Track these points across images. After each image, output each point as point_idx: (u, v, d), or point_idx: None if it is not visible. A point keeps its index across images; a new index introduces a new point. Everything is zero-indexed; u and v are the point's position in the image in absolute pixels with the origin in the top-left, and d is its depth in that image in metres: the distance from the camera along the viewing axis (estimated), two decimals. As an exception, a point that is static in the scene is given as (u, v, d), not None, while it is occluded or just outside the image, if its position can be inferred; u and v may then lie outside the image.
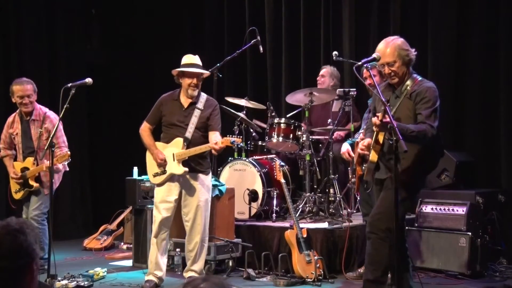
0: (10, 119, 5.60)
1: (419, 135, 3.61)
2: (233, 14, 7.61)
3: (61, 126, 5.23)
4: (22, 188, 5.45)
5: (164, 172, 4.81)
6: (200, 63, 4.91)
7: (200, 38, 7.90)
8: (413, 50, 3.84)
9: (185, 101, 4.87)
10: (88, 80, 4.83)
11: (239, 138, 4.68)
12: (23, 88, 5.38)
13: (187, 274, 4.91)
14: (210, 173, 4.97)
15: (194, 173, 4.81)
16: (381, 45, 3.86)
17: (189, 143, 4.77)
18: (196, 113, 4.81)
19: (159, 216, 4.81)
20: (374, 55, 3.83)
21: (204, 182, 4.86)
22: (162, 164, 4.79)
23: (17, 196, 5.47)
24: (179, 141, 4.79)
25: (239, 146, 4.68)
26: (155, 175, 4.86)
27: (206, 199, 4.85)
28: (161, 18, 8.12)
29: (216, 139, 4.72)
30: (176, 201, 4.83)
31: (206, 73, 4.95)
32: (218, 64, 5.88)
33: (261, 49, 6.15)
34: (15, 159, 5.57)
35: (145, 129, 4.95)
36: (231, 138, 4.62)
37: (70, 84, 4.73)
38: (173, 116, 4.85)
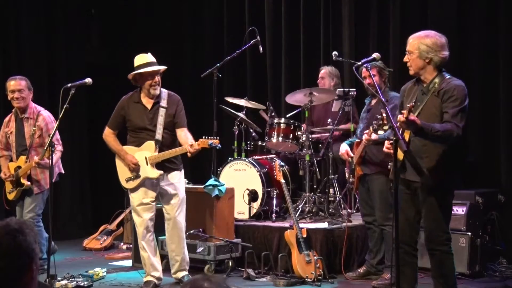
0: (6, 118, 5.61)
1: (444, 134, 3.53)
2: (233, 14, 7.61)
3: (54, 124, 5.20)
4: (14, 187, 5.42)
5: (137, 176, 4.73)
6: (154, 59, 4.77)
7: (200, 38, 7.88)
8: (445, 52, 3.74)
9: (147, 102, 4.75)
10: (88, 80, 4.83)
11: (217, 139, 4.55)
12: (15, 83, 5.38)
13: (178, 275, 4.87)
14: (183, 169, 4.90)
15: (168, 172, 4.76)
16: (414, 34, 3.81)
17: (160, 145, 4.70)
18: (161, 112, 4.71)
19: (140, 219, 4.76)
20: (373, 55, 3.83)
21: (180, 180, 4.83)
22: (135, 168, 4.71)
23: (11, 196, 5.45)
24: (150, 144, 4.70)
25: (217, 148, 4.60)
26: (128, 179, 4.78)
27: (183, 196, 4.84)
28: (161, 18, 8.11)
29: (190, 140, 4.60)
30: (153, 202, 4.78)
31: (163, 68, 4.81)
32: (218, 64, 5.88)
33: (260, 49, 6.15)
34: (11, 160, 5.55)
35: (109, 134, 4.86)
36: (208, 140, 4.48)
37: (70, 84, 4.73)
38: (139, 119, 4.74)
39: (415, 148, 3.66)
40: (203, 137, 4.58)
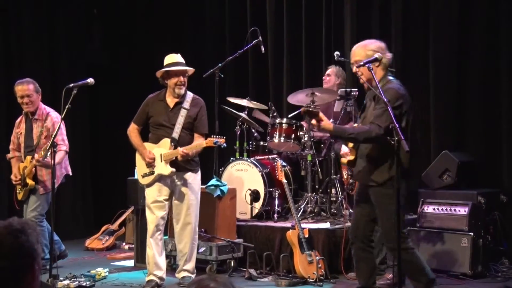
0: (18, 120, 5.64)
1: (359, 136, 3.72)
2: (235, 14, 7.59)
3: (62, 125, 5.22)
4: (22, 188, 5.44)
5: (152, 172, 4.82)
6: (183, 60, 4.89)
7: (202, 39, 7.88)
8: (389, 54, 3.88)
9: (171, 101, 4.86)
10: (90, 80, 4.85)
11: (222, 138, 4.65)
12: (23, 88, 5.40)
13: (180, 275, 4.91)
14: (199, 172, 4.95)
15: (182, 172, 4.81)
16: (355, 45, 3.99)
17: (176, 144, 4.77)
18: (183, 112, 4.81)
19: (153, 216, 4.83)
20: (376, 55, 3.84)
21: (194, 181, 4.86)
22: (151, 164, 4.79)
23: (20, 196, 5.48)
24: (166, 141, 4.80)
25: (222, 146, 4.66)
26: (144, 175, 4.87)
27: (196, 198, 4.87)
28: (162, 18, 8.10)
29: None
30: (167, 201, 4.85)
31: (191, 70, 4.93)
32: (219, 64, 5.88)
33: (262, 49, 6.14)
34: (22, 161, 5.55)
35: (132, 130, 4.96)
36: (214, 139, 4.59)
37: (72, 84, 4.75)
38: (160, 116, 4.85)
39: (360, 150, 3.87)
40: (211, 136, 4.70)
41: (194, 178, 4.87)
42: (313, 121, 3.75)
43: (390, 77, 3.90)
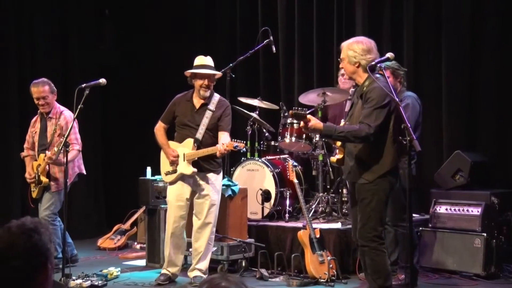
0: (33, 119, 5.68)
1: (349, 135, 3.75)
2: (246, 14, 7.59)
3: (75, 124, 5.24)
4: (36, 186, 5.47)
5: (175, 171, 4.90)
6: (212, 64, 4.96)
7: (213, 38, 7.87)
8: (372, 55, 3.83)
9: (197, 102, 4.93)
10: (102, 80, 4.87)
11: (243, 143, 4.71)
12: (38, 90, 5.44)
13: (192, 273, 4.94)
14: (221, 173, 5.00)
15: (204, 173, 4.87)
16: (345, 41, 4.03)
17: (199, 144, 4.83)
18: (208, 114, 4.87)
19: (172, 214, 4.91)
20: (387, 55, 3.83)
21: (215, 182, 4.90)
22: (175, 162, 4.87)
23: (34, 194, 5.50)
24: (189, 141, 4.86)
25: (242, 151, 4.69)
26: (167, 173, 4.96)
27: (217, 199, 4.91)
28: (174, 18, 8.10)
29: (224, 140, 4.75)
30: (188, 200, 4.91)
31: (218, 74, 4.99)
32: (231, 64, 5.88)
33: (274, 49, 6.14)
34: (36, 159, 5.59)
35: (159, 128, 5.04)
36: (234, 143, 4.63)
37: (84, 84, 4.77)
38: (185, 116, 4.93)
39: (348, 149, 3.91)
40: (234, 140, 4.75)
41: (216, 179, 4.92)
42: (301, 123, 3.83)
43: (378, 75, 3.86)
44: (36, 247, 1.70)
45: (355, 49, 3.86)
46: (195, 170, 4.79)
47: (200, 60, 4.95)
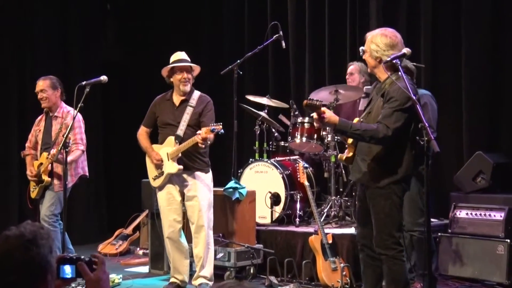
0: (38, 118, 5.69)
1: (365, 134, 3.60)
2: (254, 9, 7.55)
3: (82, 124, 5.31)
4: (37, 185, 5.44)
5: (162, 173, 4.88)
6: (188, 58, 4.95)
7: (219, 34, 7.85)
8: (396, 52, 3.64)
9: (177, 100, 4.92)
10: (103, 78, 4.90)
11: (219, 125, 4.58)
12: (38, 84, 5.47)
13: (197, 282, 4.88)
14: (210, 173, 4.94)
15: (191, 171, 4.82)
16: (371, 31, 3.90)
17: (181, 141, 4.79)
18: (188, 110, 4.84)
19: (166, 219, 4.88)
20: (404, 50, 3.67)
21: (204, 181, 4.85)
22: (160, 165, 4.86)
23: (34, 194, 5.46)
24: (171, 139, 4.83)
25: (219, 133, 4.58)
26: (155, 177, 4.93)
27: (208, 199, 4.86)
28: (179, 13, 8.07)
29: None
30: (180, 202, 4.89)
31: (196, 66, 4.97)
32: (238, 61, 5.83)
33: (283, 44, 6.06)
34: (37, 159, 5.58)
35: (141, 133, 5.05)
36: (211, 127, 4.54)
37: (85, 82, 4.80)
38: (165, 115, 4.92)
39: (361, 149, 3.78)
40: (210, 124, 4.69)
41: (203, 178, 4.85)
42: (315, 115, 3.67)
43: (400, 74, 3.69)
44: (33, 261, 1.69)
45: (378, 43, 3.71)
46: (181, 167, 4.75)
47: (175, 56, 4.96)
